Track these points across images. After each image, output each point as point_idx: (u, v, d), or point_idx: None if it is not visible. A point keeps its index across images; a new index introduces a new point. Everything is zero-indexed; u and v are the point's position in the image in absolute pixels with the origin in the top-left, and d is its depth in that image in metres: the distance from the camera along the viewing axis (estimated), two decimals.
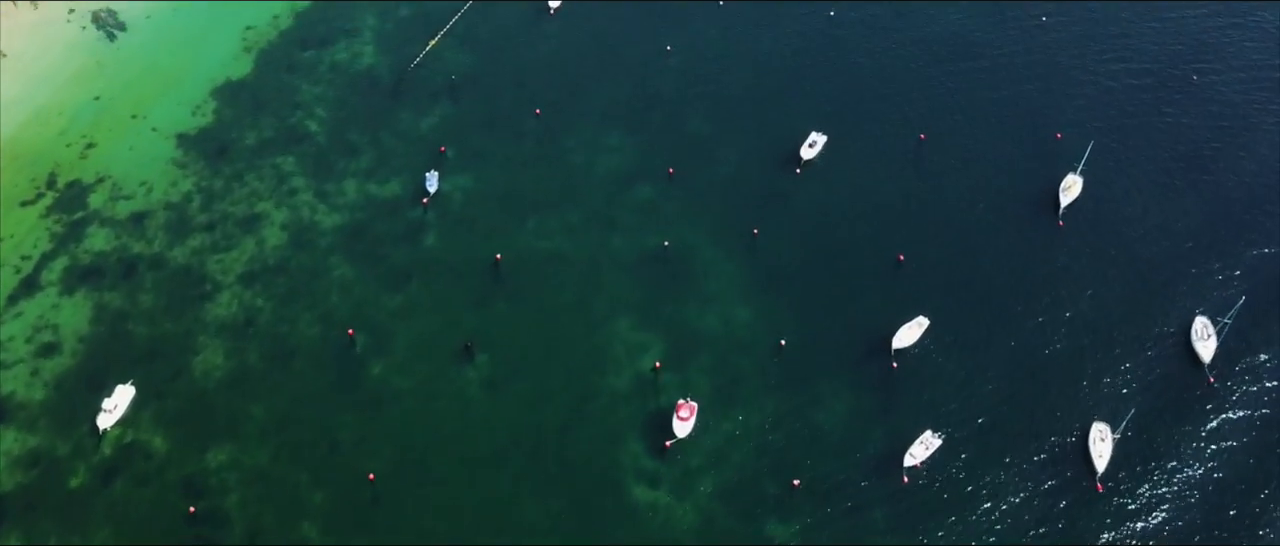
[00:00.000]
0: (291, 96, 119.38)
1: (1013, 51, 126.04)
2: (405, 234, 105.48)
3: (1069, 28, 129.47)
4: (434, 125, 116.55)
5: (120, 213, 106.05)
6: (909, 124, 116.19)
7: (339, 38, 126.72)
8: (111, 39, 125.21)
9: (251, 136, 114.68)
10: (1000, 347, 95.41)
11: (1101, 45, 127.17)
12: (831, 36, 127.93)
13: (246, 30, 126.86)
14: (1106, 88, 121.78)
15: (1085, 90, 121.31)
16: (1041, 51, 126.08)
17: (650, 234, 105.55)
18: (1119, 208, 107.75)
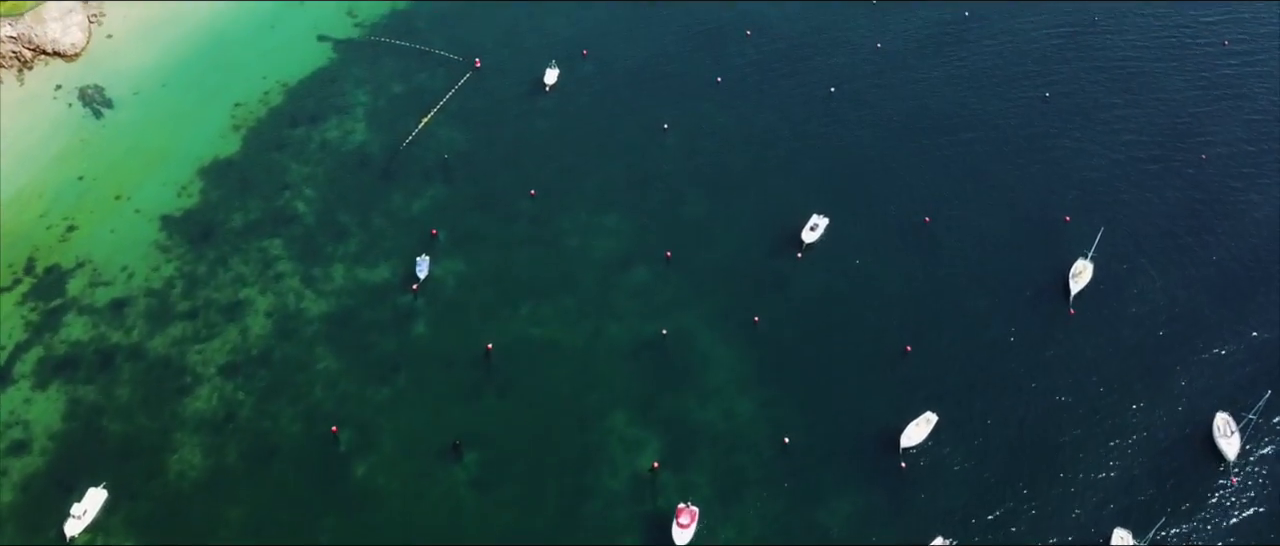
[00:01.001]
0: (280, 176, 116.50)
1: (1016, 127, 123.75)
2: (394, 321, 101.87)
3: (1073, 100, 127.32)
4: (426, 206, 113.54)
5: (99, 300, 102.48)
6: (913, 205, 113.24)
7: (330, 115, 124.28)
8: (98, 116, 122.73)
9: (238, 218, 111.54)
10: (1013, 446, 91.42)
11: (1106, 121, 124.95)
12: (831, 113, 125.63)
13: (236, 107, 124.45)
14: (1112, 165, 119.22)
15: (1091, 168, 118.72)
16: (1045, 127, 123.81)
17: (648, 321, 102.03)
18: (1131, 294, 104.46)
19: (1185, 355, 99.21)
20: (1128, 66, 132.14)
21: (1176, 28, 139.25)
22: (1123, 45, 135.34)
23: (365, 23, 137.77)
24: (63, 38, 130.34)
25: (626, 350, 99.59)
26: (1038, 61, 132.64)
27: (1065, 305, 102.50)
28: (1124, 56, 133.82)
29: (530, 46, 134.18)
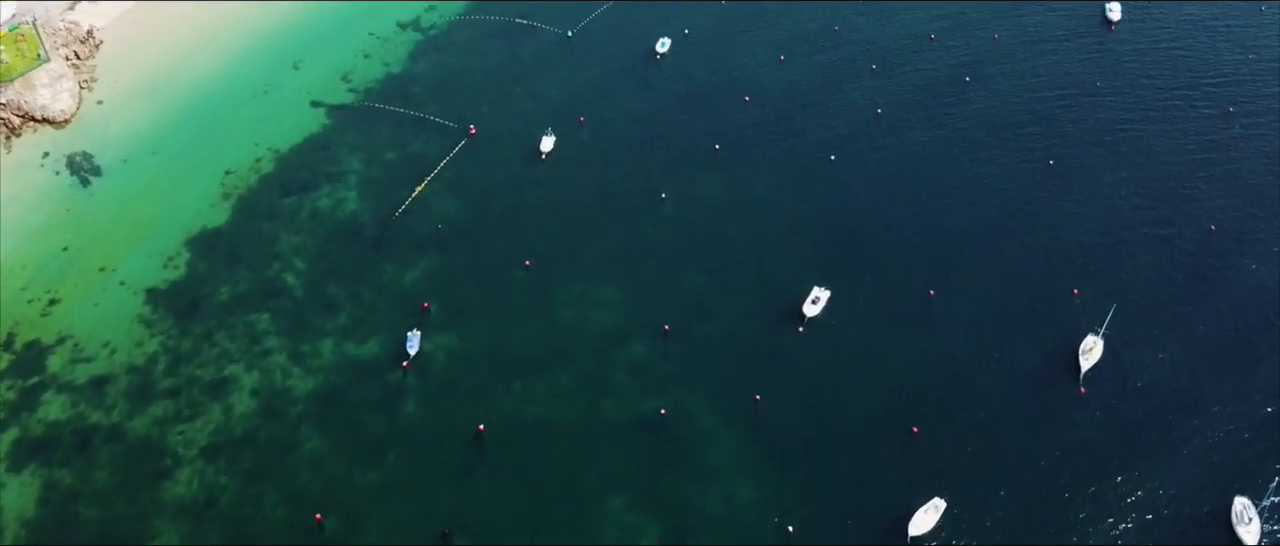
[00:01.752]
0: (270, 247, 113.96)
1: (1021, 195, 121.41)
2: (383, 399, 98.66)
3: (1077, 167, 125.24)
4: (418, 278, 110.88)
5: (80, 377, 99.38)
6: (916, 276, 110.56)
7: (322, 183, 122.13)
8: (85, 185, 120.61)
9: (225, 291, 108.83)
10: (1023, 533, 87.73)
11: (1111, 188, 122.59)
12: (832, 181, 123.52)
13: (226, 175, 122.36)
14: (1119, 234, 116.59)
15: (1098, 237, 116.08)
16: (1050, 195, 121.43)
17: (645, 398, 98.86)
18: (1143, 370, 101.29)
19: (1201, 434, 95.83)
20: (1132, 132, 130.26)
21: (1179, 91, 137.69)
22: (1126, 110, 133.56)
23: (359, 88, 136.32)
24: (52, 104, 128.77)
25: (623, 430, 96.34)
26: (1041, 127, 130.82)
27: (1075, 383, 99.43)
28: (1128, 122, 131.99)
29: (526, 112, 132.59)
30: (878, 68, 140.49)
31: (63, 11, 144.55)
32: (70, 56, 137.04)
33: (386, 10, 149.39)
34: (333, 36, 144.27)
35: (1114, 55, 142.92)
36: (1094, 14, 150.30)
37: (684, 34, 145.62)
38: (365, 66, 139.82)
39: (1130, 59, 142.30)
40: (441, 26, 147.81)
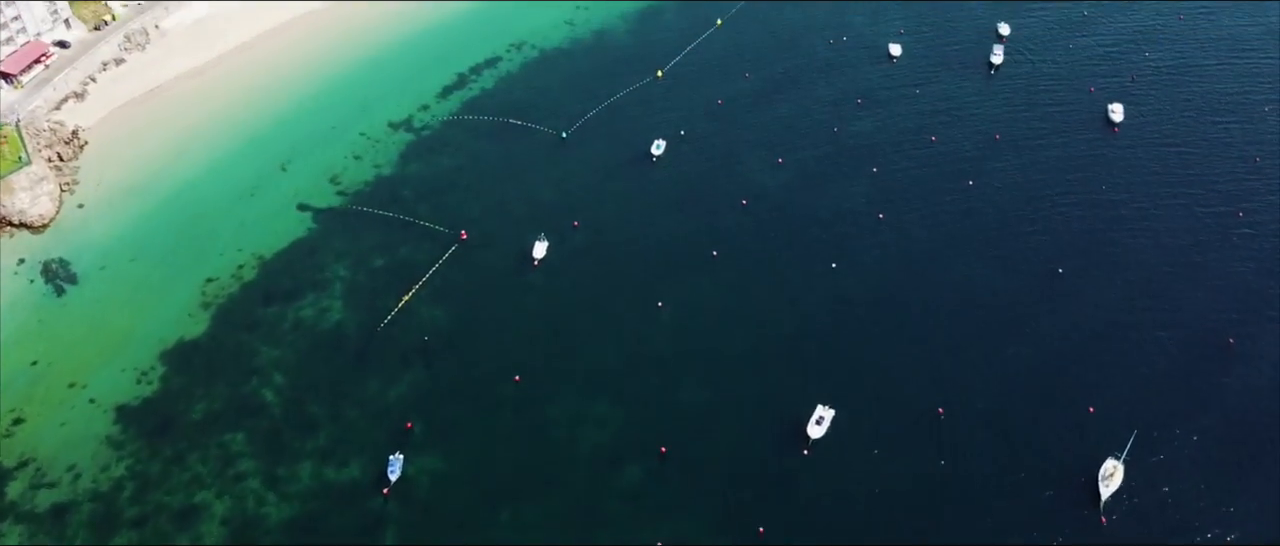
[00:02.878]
0: (248, 360, 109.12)
1: (1031, 307, 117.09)
2: (363, 529, 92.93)
3: (1088, 277, 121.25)
4: (402, 394, 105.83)
5: (41, 504, 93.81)
6: (924, 394, 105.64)
7: (306, 291, 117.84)
8: (59, 293, 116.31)
9: (199, 408, 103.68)
10: None
11: (1125, 301, 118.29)
12: (834, 290, 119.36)
13: (207, 283, 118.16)
14: (1136, 346, 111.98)
15: (1112, 350, 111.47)
16: (1062, 307, 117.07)
17: (641, 528, 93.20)
18: (1167, 498, 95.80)
19: None
20: (1141, 238, 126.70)
21: (1186, 192, 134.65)
22: (1133, 216, 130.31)
23: (348, 190, 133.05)
24: (31, 209, 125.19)
25: None
26: (1047, 233, 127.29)
27: (1095, 510, 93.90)
28: (1136, 228, 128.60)
29: (519, 216, 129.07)
30: (878, 169, 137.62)
31: (48, 111, 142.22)
32: (53, 158, 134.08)
33: (378, 110, 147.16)
34: (323, 137, 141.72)
35: (1118, 157, 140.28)
36: (1096, 114, 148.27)
37: (680, 135, 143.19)
38: (355, 168, 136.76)
39: (1135, 161, 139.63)
40: (434, 127, 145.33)
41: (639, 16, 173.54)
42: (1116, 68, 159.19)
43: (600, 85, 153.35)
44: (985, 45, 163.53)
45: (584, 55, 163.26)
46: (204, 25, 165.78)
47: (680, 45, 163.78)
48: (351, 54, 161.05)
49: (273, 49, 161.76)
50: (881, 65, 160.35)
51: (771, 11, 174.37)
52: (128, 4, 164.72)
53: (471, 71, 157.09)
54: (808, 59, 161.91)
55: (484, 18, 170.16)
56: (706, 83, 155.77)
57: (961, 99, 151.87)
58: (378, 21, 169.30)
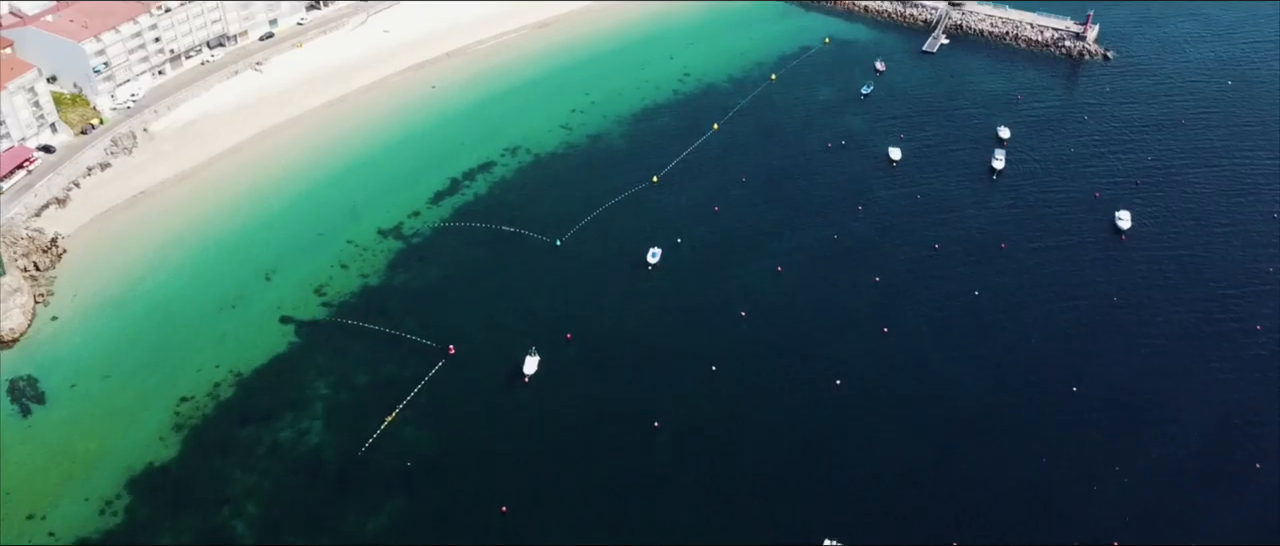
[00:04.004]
0: (221, 487, 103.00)
1: (1049, 432, 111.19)
2: None
3: (1106, 396, 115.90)
4: (382, 527, 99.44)
5: None
6: (940, 530, 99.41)
7: (284, 411, 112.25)
8: (25, 414, 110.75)
9: (165, 542, 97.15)
10: None
11: (1147, 422, 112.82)
12: (840, 410, 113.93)
13: (181, 402, 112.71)
14: (1166, 477, 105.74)
15: (1142, 482, 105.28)
16: (1082, 432, 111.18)
17: None
18: None
19: None
20: (1160, 353, 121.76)
21: (1201, 303, 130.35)
22: (1149, 327, 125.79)
23: (333, 302, 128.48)
24: (1, 323, 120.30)
25: None
26: (1060, 348, 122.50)
27: None
28: (1152, 341, 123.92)
29: (510, 328, 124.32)
30: (881, 278, 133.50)
31: (28, 218, 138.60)
32: (29, 267, 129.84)
33: (368, 216, 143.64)
34: (310, 244, 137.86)
35: (1129, 267, 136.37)
36: (1103, 221, 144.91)
37: (676, 242, 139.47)
38: (341, 278, 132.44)
39: (1146, 270, 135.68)
40: (425, 234, 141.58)
41: (634, 120, 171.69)
42: (1121, 171, 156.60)
43: (596, 190, 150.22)
44: (986, 149, 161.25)
45: (579, 159, 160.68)
46: (194, 127, 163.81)
47: (676, 149, 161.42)
48: (343, 157, 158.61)
49: (263, 152, 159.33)
50: (881, 169, 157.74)
51: (768, 115, 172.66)
52: (117, 107, 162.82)
53: (465, 176, 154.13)
54: (806, 163, 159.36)
55: (479, 121, 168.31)
56: (703, 188, 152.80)
57: (964, 205, 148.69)
58: (372, 124, 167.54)
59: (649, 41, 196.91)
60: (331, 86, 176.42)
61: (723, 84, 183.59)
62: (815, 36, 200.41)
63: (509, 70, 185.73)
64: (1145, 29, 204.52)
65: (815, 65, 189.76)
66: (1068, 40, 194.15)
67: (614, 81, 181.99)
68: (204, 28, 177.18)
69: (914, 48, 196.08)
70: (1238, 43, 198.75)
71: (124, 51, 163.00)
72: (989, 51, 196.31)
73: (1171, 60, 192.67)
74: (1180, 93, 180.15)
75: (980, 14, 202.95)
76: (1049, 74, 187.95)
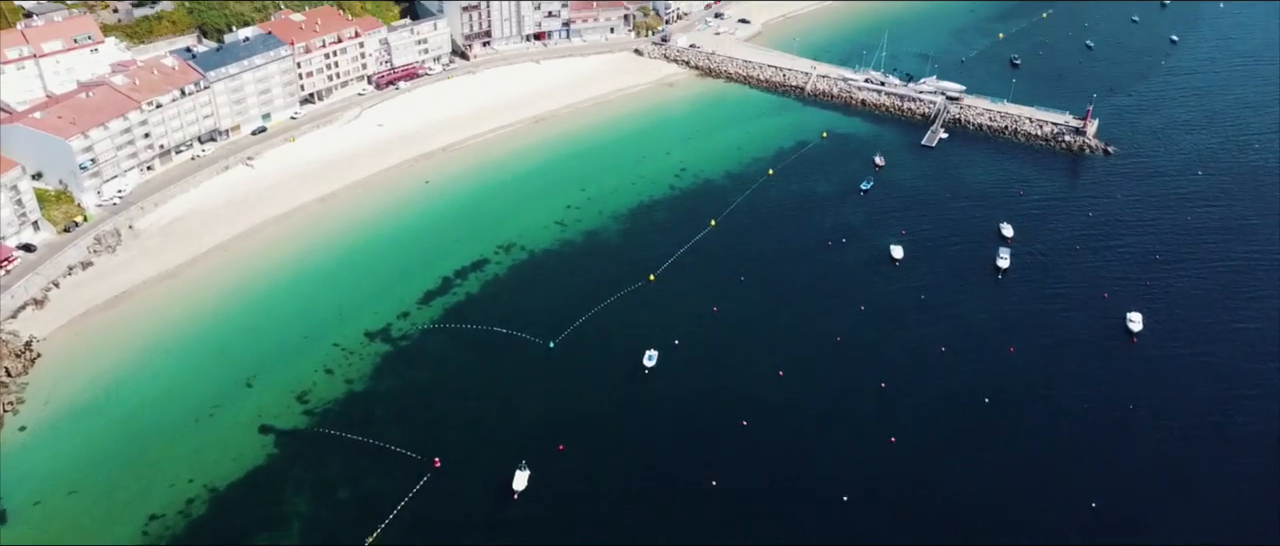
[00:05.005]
0: None
1: None
2: None
3: (1125, 505, 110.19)
4: None
5: None
6: None
7: (260, 530, 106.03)
8: None
9: None
10: None
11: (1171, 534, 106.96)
12: (848, 530, 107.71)
13: (150, 520, 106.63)
14: None
15: None
16: None
17: None
18: None
19: None
20: (1179, 462, 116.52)
21: (1219, 407, 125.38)
22: (1166, 435, 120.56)
23: (316, 409, 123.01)
24: None
25: None
26: (1076, 458, 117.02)
27: None
28: (1171, 449, 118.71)
29: (499, 439, 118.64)
30: (887, 385, 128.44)
31: (4, 321, 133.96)
32: (0, 374, 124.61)
33: (355, 318, 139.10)
34: (294, 348, 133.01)
35: (1143, 372, 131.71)
36: (1113, 324, 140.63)
37: (674, 345, 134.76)
38: (325, 384, 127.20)
39: (1161, 375, 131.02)
40: (414, 336, 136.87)
41: (631, 216, 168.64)
42: (1128, 271, 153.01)
43: (590, 290, 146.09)
44: (990, 247, 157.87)
45: (574, 257, 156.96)
46: (181, 224, 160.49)
47: (674, 246, 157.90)
48: (333, 255, 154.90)
49: (250, 249, 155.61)
50: (884, 268, 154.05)
51: (766, 210, 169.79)
52: (102, 203, 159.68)
53: (457, 274, 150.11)
54: (806, 261, 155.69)
55: (473, 217, 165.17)
56: (701, 287, 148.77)
57: (970, 306, 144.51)
58: (363, 220, 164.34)
59: (645, 136, 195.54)
60: (323, 181, 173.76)
61: (720, 179, 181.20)
62: (812, 131, 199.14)
63: (504, 165, 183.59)
64: (1144, 121, 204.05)
65: (813, 160, 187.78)
66: (1067, 134, 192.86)
67: (610, 176, 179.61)
68: (195, 123, 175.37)
69: (913, 142, 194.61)
70: (1237, 134, 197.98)
71: (112, 147, 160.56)
72: (989, 146, 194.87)
73: (1172, 153, 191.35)
74: (1183, 187, 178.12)
75: (978, 108, 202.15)
76: (1050, 169, 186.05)
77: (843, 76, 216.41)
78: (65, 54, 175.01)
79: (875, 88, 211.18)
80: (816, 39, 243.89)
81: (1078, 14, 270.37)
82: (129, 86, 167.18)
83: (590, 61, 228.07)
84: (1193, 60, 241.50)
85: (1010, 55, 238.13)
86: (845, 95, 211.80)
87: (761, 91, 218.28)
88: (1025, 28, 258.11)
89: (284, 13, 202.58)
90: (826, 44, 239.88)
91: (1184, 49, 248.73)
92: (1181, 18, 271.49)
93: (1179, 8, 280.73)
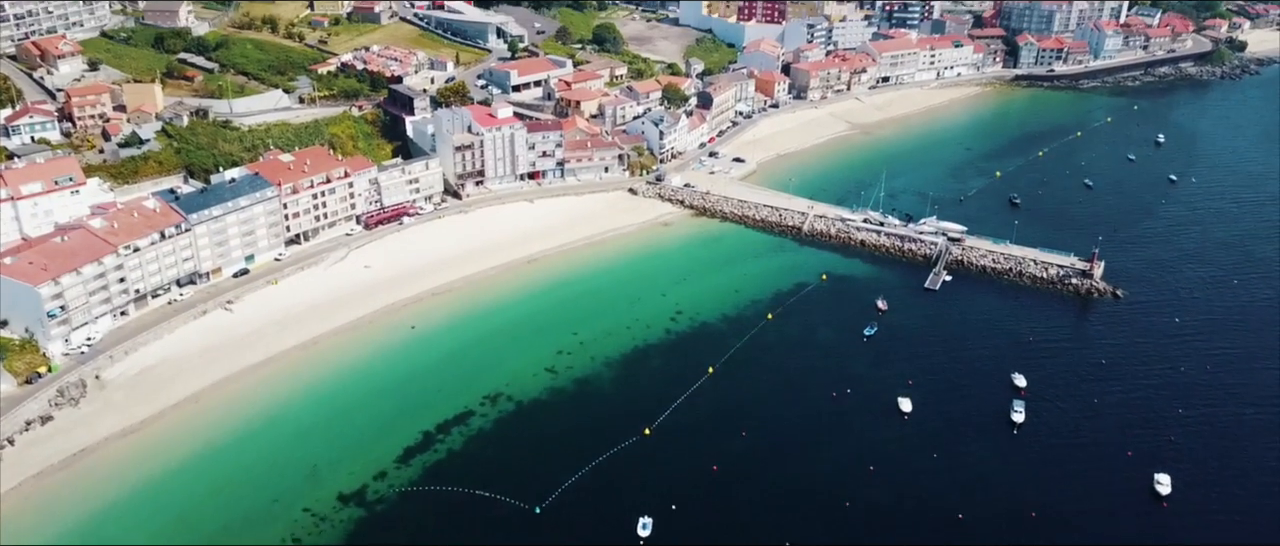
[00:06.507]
0: None
1: None
2: None
3: None
4: None
5: None
6: None
7: None
8: None
9: None
10: None
11: None
12: None
13: None
14: None
15: None
16: None
17: None
18: None
19: None
20: None
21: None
22: None
23: None
24: None
25: None
26: None
27: None
28: None
29: None
30: None
31: None
32: None
33: (329, 478, 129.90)
34: (261, 514, 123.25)
35: (1175, 540, 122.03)
36: (1139, 486, 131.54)
37: (670, 509, 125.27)
38: None
39: (1195, 543, 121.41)
40: (390, 500, 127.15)
41: (625, 362, 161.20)
42: (1150, 425, 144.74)
43: (581, 444, 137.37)
44: (1003, 399, 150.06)
45: (565, 408, 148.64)
46: (151, 374, 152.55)
47: (670, 396, 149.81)
48: (309, 407, 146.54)
49: (222, 401, 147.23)
50: (891, 422, 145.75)
51: (767, 358, 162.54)
52: (69, 352, 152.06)
53: (439, 429, 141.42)
54: (810, 414, 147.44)
55: (459, 365, 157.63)
56: (699, 441, 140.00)
57: (986, 465, 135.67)
58: (343, 369, 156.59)
59: (640, 277, 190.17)
60: (304, 327, 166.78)
61: (717, 322, 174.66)
62: (811, 272, 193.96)
63: (494, 308, 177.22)
64: (1152, 264, 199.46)
65: (813, 303, 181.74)
66: (1074, 277, 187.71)
67: (603, 320, 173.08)
68: (174, 266, 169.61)
69: (915, 284, 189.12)
70: (1249, 273, 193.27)
71: (84, 293, 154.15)
72: (993, 288, 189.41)
73: (1183, 297, 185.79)
74: (1198, 333, 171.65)
75: (981, 250, 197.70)
76: (1059, 313, 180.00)
77: (840, 216, 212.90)
78: (44, 196, 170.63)
79: (874, 228, 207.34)
80: (812, 177, 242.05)
81: (1073, 152, 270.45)
82: (107, 229, 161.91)
83: (585, 200, 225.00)
84: (1193, 198, 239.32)
85: (1009, 194, 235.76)
86: (844, 236, 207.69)
87: (758, 231, 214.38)
88: (1022, 166, 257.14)
89: (273, 153, 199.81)
90: (822, 182, 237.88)
91: (1183, 188, 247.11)
92: (1177, 156, 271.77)
93: (1174, 145, 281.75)
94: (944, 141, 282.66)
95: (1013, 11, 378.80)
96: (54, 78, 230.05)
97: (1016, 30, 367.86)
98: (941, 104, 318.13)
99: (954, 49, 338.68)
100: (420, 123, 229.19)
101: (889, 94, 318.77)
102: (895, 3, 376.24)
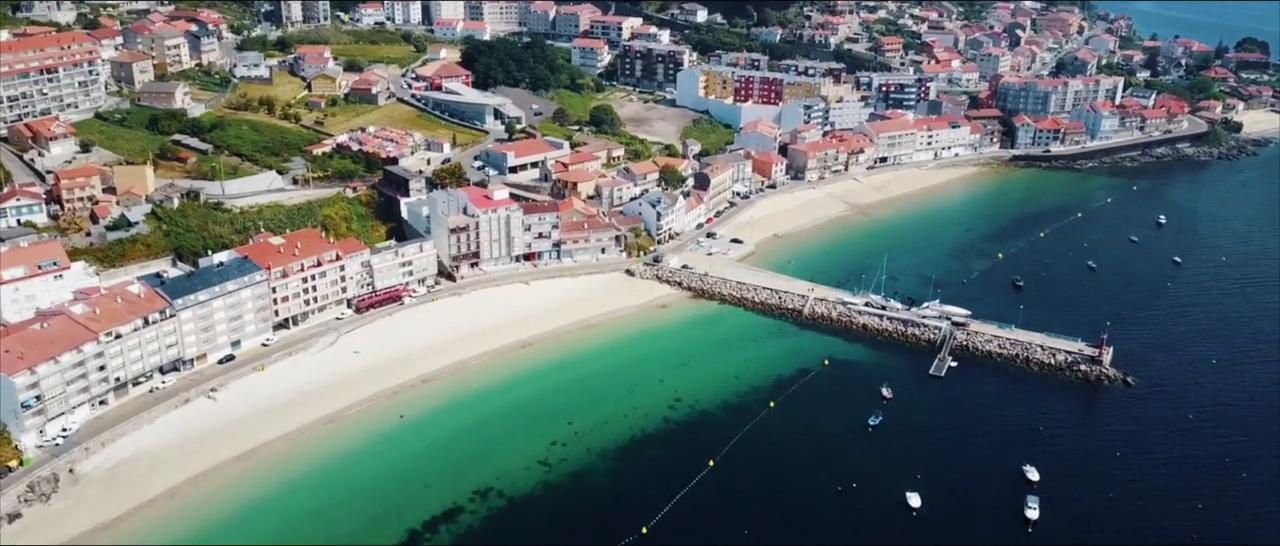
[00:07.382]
0: None
1: None
2: None
3: None
4: None
5: None
6: None
7: None
8: None
9: None
10: None
11: None
12: None
13: None
14: None
15: None
16: None
17: None
18: None
19: None
20: None
21: None
22: None
23: None
24: None
25: None
26: None
27: None
28: None
29: None
30: None
31: None
32: None
33: None
34: None
35: None
36: None
37: None
38: None
39: None
40: None
41: (621, 455, 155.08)
42: (1172, 524, 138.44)
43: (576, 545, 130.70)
44: (1016, 494, 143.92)
45: (558, 505, 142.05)
46: (127, 467, 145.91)
47: (670, 490, 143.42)
48: (289, 504, 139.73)
49: (199, 496, 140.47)
50: (901, 520, 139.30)
51: (769, 449, 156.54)
52: (43, 445, 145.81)
53: (426, 528, 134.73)
54: (817, 512, 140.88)
55: (449, 457, 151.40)
56: (701, 543, 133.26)
57: None
58: (328, 461, 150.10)
59: (637, 362, 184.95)
60: (290, 416, 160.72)
61: (717, 410, 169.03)
62: (813, 357, 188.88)
63: (486, 395, 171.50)
64: (1161, 348, 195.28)
65: (815, 390, 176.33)
66: (1083, 363, 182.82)
67: (599, 408, 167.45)
68: (157, 353, 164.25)
69: (920, 370, 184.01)
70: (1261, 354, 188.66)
71: (61, 383, 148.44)
72: (1000, 375, 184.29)
73: (1195, 384, 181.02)
74: (1214, 422, 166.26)
75: (986, 334, 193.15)
76: (1068, 401, 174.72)
77: (841, 299, 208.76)
78: (26, 281, 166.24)
79: (876, 312, 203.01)
80: (811, 258, 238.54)
81: (1075, 233, 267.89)
82: (88, 315, 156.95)
83: (581, 282, 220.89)
84: (1199, 281, 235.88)
85: (1012, 276, 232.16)
86: (845, 319, 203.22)
87: (757, 314, 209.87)
88: (1024, 247, 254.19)
89: (263, 235, 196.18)
90: (822, 264, 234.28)
91: (1188, 270, 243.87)
92: (1180, 237, 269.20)
93: (1176, 226, 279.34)
94: (944, 222, 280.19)
95: (1009, 92, 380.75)
96: (45, 159, 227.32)
97: (1013, 111, 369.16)
98: (940, 184, 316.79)
99: (951, 130, 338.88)
100: (415, 204, 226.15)
101: (887, 174, 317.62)
102: (891, 84, 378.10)
